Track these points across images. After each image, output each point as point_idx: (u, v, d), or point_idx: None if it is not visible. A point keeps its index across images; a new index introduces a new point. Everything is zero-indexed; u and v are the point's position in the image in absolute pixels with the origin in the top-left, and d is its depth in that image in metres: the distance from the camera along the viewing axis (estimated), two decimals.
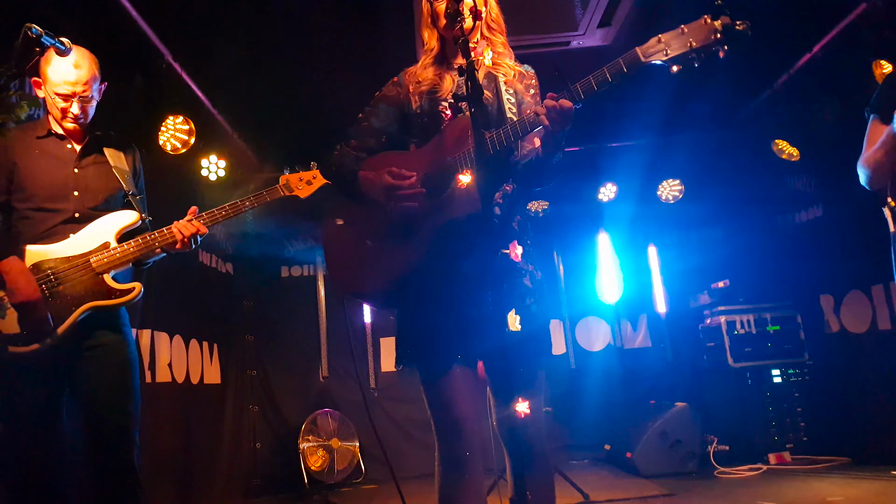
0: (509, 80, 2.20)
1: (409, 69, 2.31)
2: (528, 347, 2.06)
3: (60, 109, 2.63)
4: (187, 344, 5.17)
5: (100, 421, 2.55)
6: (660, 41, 1.83)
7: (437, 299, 2.03)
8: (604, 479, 5.16)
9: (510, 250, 2.00)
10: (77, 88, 2.61)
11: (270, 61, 4.48)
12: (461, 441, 2.00)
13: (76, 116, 2.65)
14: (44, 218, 2.59)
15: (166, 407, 4.72)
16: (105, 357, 2.58)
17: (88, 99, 2.66)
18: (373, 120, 2.25)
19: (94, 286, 2.55)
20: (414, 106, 2.21)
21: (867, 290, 5.05)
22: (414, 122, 2.22)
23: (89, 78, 2.63)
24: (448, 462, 2.03)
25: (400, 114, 2.25)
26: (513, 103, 2.15)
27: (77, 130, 2.71)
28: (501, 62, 2.22)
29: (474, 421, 2.03)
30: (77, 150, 2.71)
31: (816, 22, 4.41)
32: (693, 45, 1.79)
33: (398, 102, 2.25)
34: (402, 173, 2.06)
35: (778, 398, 5.44)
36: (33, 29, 2.14)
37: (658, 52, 1.82)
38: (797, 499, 3.99)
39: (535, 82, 2.27)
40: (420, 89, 2.21)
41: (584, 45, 4.51)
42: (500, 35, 2.25)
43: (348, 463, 5.74)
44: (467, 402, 2.02)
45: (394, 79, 2.31)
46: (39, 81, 2.64)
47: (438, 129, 2.12)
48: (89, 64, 2.64)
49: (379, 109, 2.26)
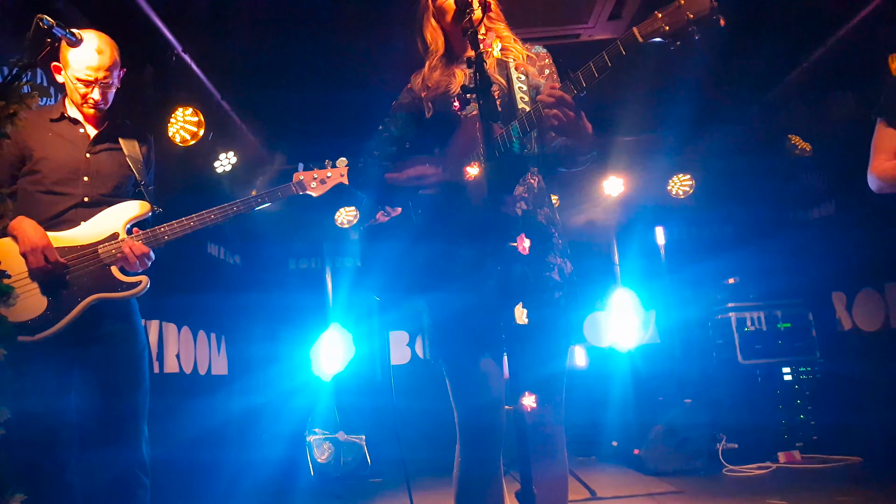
0: (520, 63, 2.17)
1: (415, 75, 2.31)
2: (555, 341, 2.05)
3: (81, 95, 2.63)
4: (195, 335, 5.18)
5: (109, 410, 2.56)
6: (657, 17, 1.79)
7: (460, 294, 2.02)
8: (611, 476, 5.14)
9: (518, 243, 1.98)
10: (99, 74, 2.61)
11: (280, 54, 4.48)
12: (485, 439, 1.99)
13: (97, 102, 2.65)
14: (53, 201, 2.59)
15: (174, 398, 4.73)
16: (115, 346, 2.59)
17: (109, 85, 2.66)
18: (392, 128, 2.29)
19: (102, 277, 2.56)
20: (427, 114, 2.22)
21: (880, 287, 5.01)
22: (431, 128, 2.22)
23: (111, 64, 2.63)
24: (469, 456, 2.02)
25: (416, 120, 2.27)
26: (525, 90, 2.12)
27: (95, 116, 2.71)
28: (510, 46, 2.20)
29: (499, 418, 2.01)
30: (91, 135, 2.71)
31: (830, 16, 4.35)
32: (691, 16, 1.75)
33: (413, 109, 2.27)
34: (423, 170, 2.10)
35: (788, 396, 5.39)
36: (45, 20, 2.15)
37: (656, 29, 1.79)
38: (806, 498, 3.96)
39: (550, 62, 2.24)
40: (430, 94, 2.21)
41: (594, 37, 4.48)
42: (501, 23, 2.24)
43: (354, 455, 5.74)
44: (492, 397, 2.01)
45: (407, 86, 2.32)
46: (59, 66, 2.63)
47: (455, 126, 2.12)
48: (111, 50, 2.64)
49: (397, 118, 2.29)
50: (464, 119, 2.11)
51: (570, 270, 2.12)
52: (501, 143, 1.97)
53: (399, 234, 2.17)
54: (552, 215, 2.16)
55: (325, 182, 2.96)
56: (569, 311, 2.08)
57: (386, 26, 4.13)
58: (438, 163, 2.13)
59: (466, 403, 2.03)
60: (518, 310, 1.83)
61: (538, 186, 2.15)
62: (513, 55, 2.18)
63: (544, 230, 2.09)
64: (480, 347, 2.02)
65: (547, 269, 2.06)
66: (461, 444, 2.04)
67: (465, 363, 2.03)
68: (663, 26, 1.78)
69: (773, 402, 5.37)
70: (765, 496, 4.06)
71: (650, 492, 4.44)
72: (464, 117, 2.11)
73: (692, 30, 1.77)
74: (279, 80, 4.75)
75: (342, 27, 4.27)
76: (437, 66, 2.24)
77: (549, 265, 2.07)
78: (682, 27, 1.77)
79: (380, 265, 2.20)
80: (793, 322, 5.61)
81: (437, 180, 2.10)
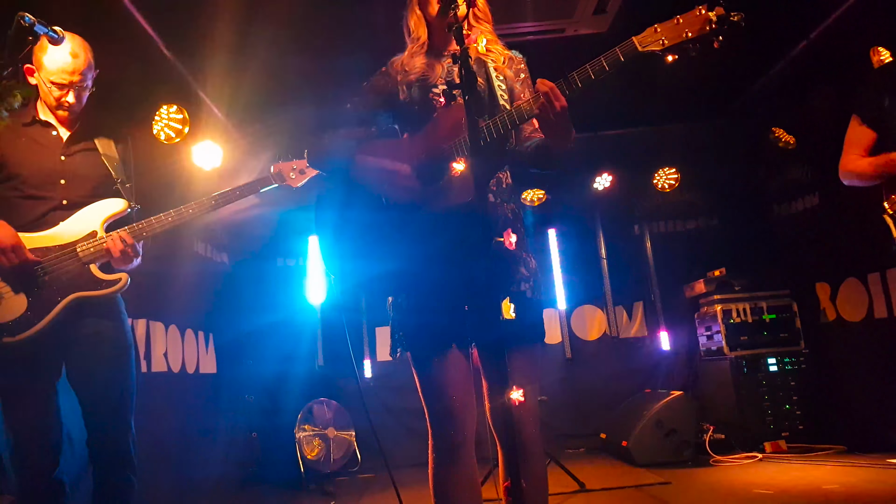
0: (499, 66, 2.19)
1: (395, 58, 2.29)
2: (524, 335, 2.05)
3: (56, 98, 2.61)
4: (182, 333, 5.16)
5: (95, 406, 2.56)
6: (656, 31, 1.86)
7: (431, 286, 2.02)
8: (599, 468, 5.17)
9: (504, 238, 1.99)
10: (74, 78, 2.60)
11: (263, 50, 4.45)
12: (454, 427, 2.00)
13: (71, 105, 2.64)
14: (32, 206, 2.58)
15: (162, 397, 4.71)
16: (101, 344, 2.59)
17: (84, 87, 2.65)
18: (361, 109, 2.25)
19: (81, 276, 2.54)
20: (402, 96, 2.20)
21: (864, 278, 5.06)
22: (404, 111, 2.21)
23: (85, 67, 2.62)
24: (441, 448, 2.03)
25: (388, 103, 2.24)
26: (504, 90, 2.14)
27: (68, 118, 2.69)
28: (492, 48, 2.21)
29: (467, 406, 2.02)
30: (63, 137, 2.69)
31: (813, 8, 4.38)
32: (689, 35, 1.83)
33: (386, 91, 2.24)
34: (400, 165, 2.06)
35: (774, 387, 5.44)
36: (26, 18, 2.13)
37: (654, 41, 1.85)
38: (792, 487, 4.00)
39: (525, 66, 2.26)
40: (408, 78, 2.19)
41: (578, 32, 4.48)
42: (487, 24, 2.24)
43: (344, 452, 5.74)
44: (460, 388, 2.02)
45: (382, 69, 2.29)
46: (32, 69, 2.62)
47: (430, 117, 2.11)
48: (85, 53, 2.63)
49: (367, 99, 2.26)
50: (440, 109, 2.09)
51: (535, 265, 2.16)
52: (485, 134, 1.96)
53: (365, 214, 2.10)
54: (517, 210, 2.19)
55: (304, 172, 2.96)
56: (535, 305, 2.11)
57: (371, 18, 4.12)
58: (408, 149, 2.09)
59: (435, 396, 2.03)
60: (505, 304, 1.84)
61: (506, 182, 2.18)
62: (493, 56, 2.20)
63: (511, 224, 2.12)
64: (448, 339, 2.03)
65: (515, 263, 2.09)
66: (432, 437, 2.05)
67: (433, 356, 2.03)
68: (662, 39, 1.85)
69: (758, 393, 5.41)
70: (752, 486, 4.11)
71: (638, 483, 4.47)
72: (440, 107, 2.10)
73: (688, 47, 1.85)
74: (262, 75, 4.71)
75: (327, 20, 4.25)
76: (417, 53, 2.23)
77: (516, 259, 2.09)
78: (678, 44, 1.84)
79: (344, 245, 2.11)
80: (778, 313, 5.66)
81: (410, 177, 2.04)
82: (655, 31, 1.85)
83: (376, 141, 2.21)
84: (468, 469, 2.02)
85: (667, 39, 1.84)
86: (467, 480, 2.02)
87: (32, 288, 2.48)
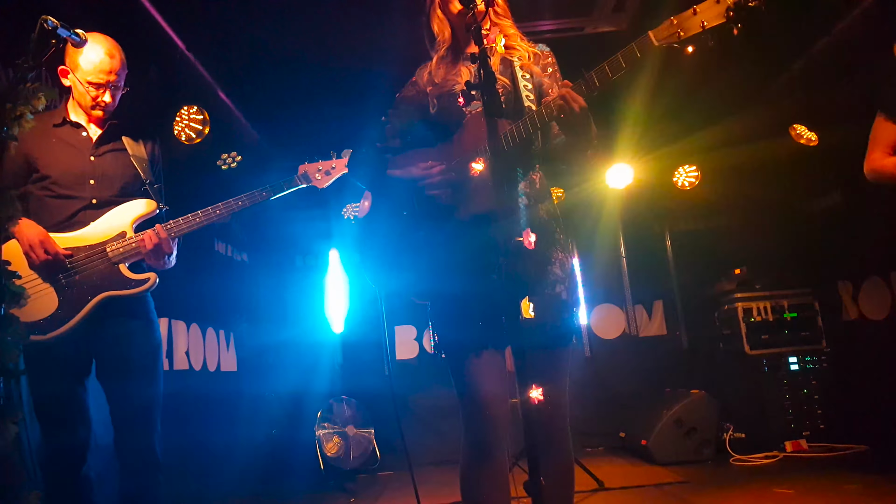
0: (525, 63, 2.18)
1: (423, 67, 2.31)
2: (559, 337, 2.07)
3: (93, 97, 2.66)
4: (204, 332, 5.21)
5: (123, 405, 2.59)
6: (672, 23, 1.82)
7: (464, 289, 2.04)
8: (619, 467, 5.16)
9: (524, 238, 2.00)
10: (111, 77, 2.65)
11: (284, 51, 4.48)
12: (488, 427, 2.00)
13: (107, 104, 2.69)
14: (62, 205, 2.62)
15: (184, 395, 4.76)
16: (129, 343, 2.62)
17: (118, 87, 2.70)
18: (395, 121, 2.29)
19: (110, 275, 2.59)
20: (432, 109, 2.22)
21: (886, 276, 5.00)
22: (434, 121, 2.23)
23: (120, 67, 2.69)
24: (473, 447, 2.04)
25: (420, 114, 2.26)
26: (530, 89, 2.13)
27: (100, 118, 2.74)
28: (515, 45, 2.20)
29: (502, 406, 2.03)
30: (93, 137, 2.73)
31: (836, 3, 4.33)
32: (706, 25, 1.78)
33: (416, 101, 2.27)
34: (430, 164, 2.10)
35: (795, 386, 5.39)
36: (49, 21, 2.16)
37: (671, 34, 1.82)
38: (813, 487, 3.96)
39: (553, 60, 2.25)
40: (436, 91, 2.21)
41: (598, 30, 4.47)
42: (508, 19, 2.24)
43: (363, 450, 5.77)
44: (496, 388, 2.03)
45: (412, 79, 2.32)
46: (67, 70, 2.66)
47: (460, 122, 2.13)
48: (120, 53, 2.69)
49: (400, 110, 2.29)
50: (469, 116, 2.12)
51: (571, 265, 2.16)
52: (507, 140, 1.98)
53: (398, 226, 2.17)
54: (553, 210, 2.18)
55: (330, 173, 2.96)
56: (570, 305, 2.11)
57: (389, 19, 4.14)
58: (441, 158, 2.13)
59: (470, 396, 2.04)
60: (524, 304, 1.85)
61: (540, 182, 2.17)
62: (518, 54, 2.19)
63: (546, 225, 2.11)
64: (484, 340, 2.04)
65: (549, 264, 2.08)
66: (465, 435, 2.06)
67: (469, 356, 2.04)
68: (679, 32, 1.81)
69: (779, 392, 5.37)
70: (772, 485, 4.08)
71: (658, 482, 4.46)
72: (469, 114, 2.12)
73: (706, 37, 1.80)
74: (282, 76, 4.75)
75: (346, 22, 4.27)
76: (443, 59, 2.25)
77: (551, 260, 2.09)
78: (696, 35, 1.80)
79: (380, 257, 2.20)
80: (799, 312, 5.61)
81: (442, 177, 2.10)
82: (672, 23, 1.82)
83: (411, 151, 2.23)
84: (499, 468, 2.03)
85: (683, 31, 1.80)
86: (497, 480, 2.03)
87: (63, 287, 2.52)
